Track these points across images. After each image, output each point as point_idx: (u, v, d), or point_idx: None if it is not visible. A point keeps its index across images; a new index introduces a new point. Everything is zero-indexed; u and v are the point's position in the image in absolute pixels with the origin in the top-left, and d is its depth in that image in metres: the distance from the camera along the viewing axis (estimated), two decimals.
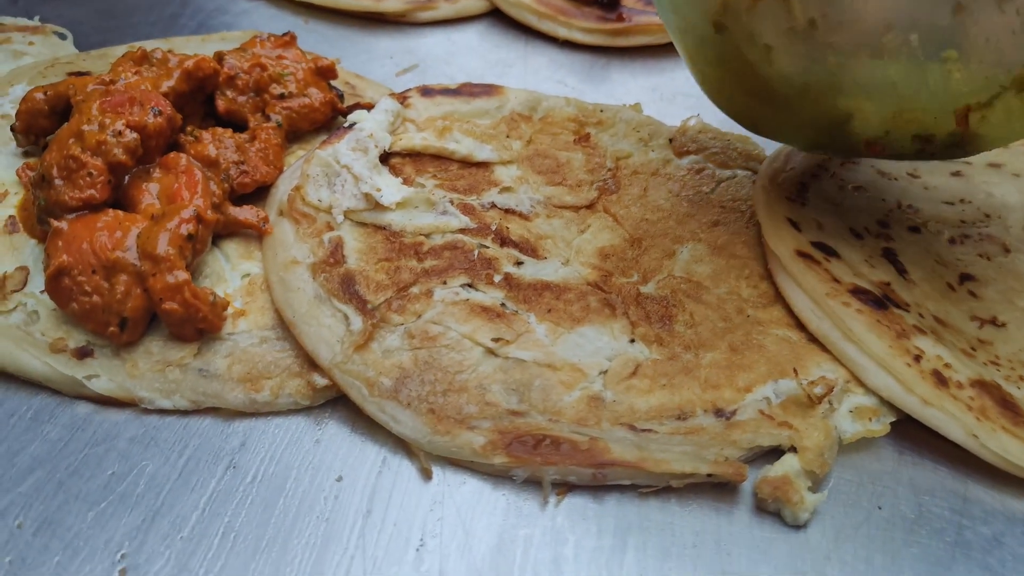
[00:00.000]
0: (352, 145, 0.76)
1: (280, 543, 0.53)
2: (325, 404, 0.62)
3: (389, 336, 0.63)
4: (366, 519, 0.55)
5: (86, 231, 0.63)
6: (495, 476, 0.58)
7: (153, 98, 0.70)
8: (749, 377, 0.63)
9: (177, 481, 0.57)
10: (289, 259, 0.68)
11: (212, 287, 0.68)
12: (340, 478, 0.57)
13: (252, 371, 0.62)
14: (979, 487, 0.59)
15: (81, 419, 0.60)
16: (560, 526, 0.55)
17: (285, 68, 0.83)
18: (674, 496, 0.58)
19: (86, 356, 0.62)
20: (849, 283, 0.68)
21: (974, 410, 0.60)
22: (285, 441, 0.60)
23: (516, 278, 0.69)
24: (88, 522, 0.54)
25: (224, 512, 0.55)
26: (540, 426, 0.59)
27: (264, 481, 0.57)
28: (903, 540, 0.55)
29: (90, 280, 0.61)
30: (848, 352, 0.64)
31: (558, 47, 1.11)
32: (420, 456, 0.58)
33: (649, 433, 0.59)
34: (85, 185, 0.64)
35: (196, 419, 0.61)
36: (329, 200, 0.72)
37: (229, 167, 0.73)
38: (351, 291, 0.66)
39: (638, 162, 0.85)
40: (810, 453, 0.58)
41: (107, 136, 0.65)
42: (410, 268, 0.68)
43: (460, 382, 0.61)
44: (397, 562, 0.53)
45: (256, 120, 0.80)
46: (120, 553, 0.52)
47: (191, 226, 0.64)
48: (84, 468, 0.57)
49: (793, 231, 0.73)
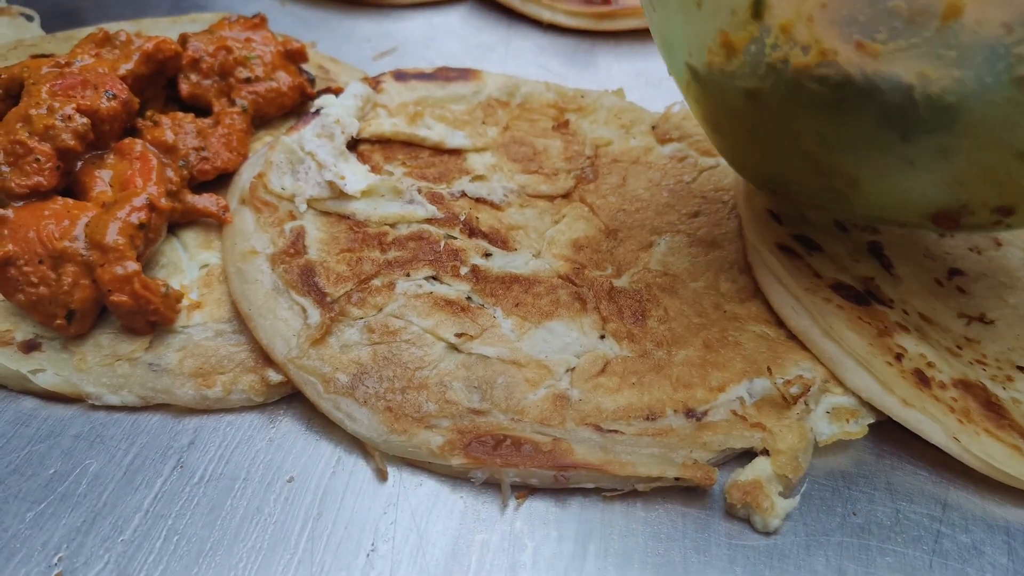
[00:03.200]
0: (318, 131, 0.73)
1: (225, 547, 0.51)
2: (280, 401, 0.60)
3: (348, 330, 0.61)
4: (316, 522, 0.53)
5: (33, 219, 0.60)
6: (453, 478, 0.56)
7: (108, 81, 0.67)
8: (723, 376, 0.61)
9: (121, 481, 0.54)
10: (248, 249, 0.65)
11: (168, 278, 0.65)
12: (292, 479, 0.55)
13: (204, 366, 0.60)
14: (960, 492, 0.56)
15: (26, 414, 0.58)
16: (519, 531, 0.53)
17: (252, 51, 0.80)
18: (640, 500, 0.55)
19: (33, 349, 0.59)
20: (831, 278, 0.65)
21: (957, 412, 0.57)
22: (236, 439, 0.57)
23: (484, 270, 0.66)
24: (26, 523, 0.52)
25: (168, 514, 0.53)
26: (501, 426, 0.56)
27: (212, 481, 0.55)
28: (878, 548, 0.53)
29: (36, 270, 0.59)
30: (827, 350, 0.62)
31: (542, 31, 1.08)
32: (376, 456, 0.56)
33: (616, 434, 0.56)
34: (32, 171, 0.61)
35: (145, 416, 0.59)
36: (292, 188, 0.69)
37: (188, 153, 0.70)
38: (310, 283, 0.63)
39: (618, 150, 0.82)
40: (783, 457, 0.55)
41: (55, 120, 0.62)
42: (373, 259, 0.66)
43: (420, 379, 0.58)
44: (346, 568, 0.50)
45: (221, 105, 0.77)
46: (57, 556, 0.50)
47: (143, 214, 0.62)
48: (26, 466, 0.55)
49: (775, 223, 0.71)
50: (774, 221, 0.71)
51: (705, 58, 0.57)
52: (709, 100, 0.61)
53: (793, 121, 0.55)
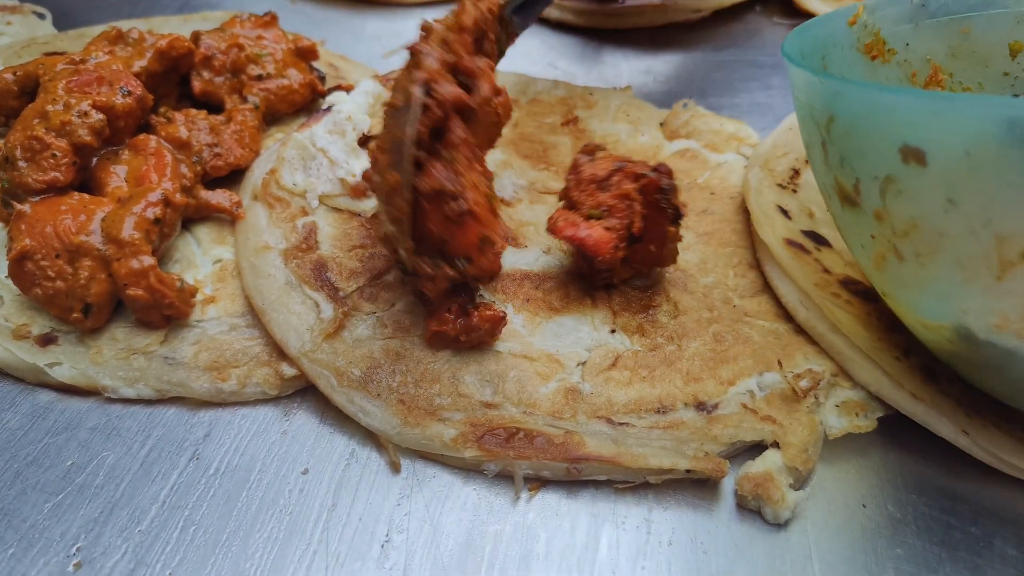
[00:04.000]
0: (329, 128, 0.73)
1: (241, 537, 0.52)
2: (293, 394, 0.61)
3: (360, 325, 0.61)
4: (331, 513, 0.53)
5: (50, 214, 0.61)
6: (466, 470, 0.56)
7: (123, 78, 0.68)
8: (733, 369, 0.61)
9: (138, 472, 0.55)
10: (261, 244, 0.66)
11: (183, 273, 0.66)
12: (306, 471, 0.56)
13: (219, 359, 0.60)
14: (969, 485, 0.57)
15: (43, 407, 0.59)
16: (532, 522, 0.54)
17: (264, 49, 0.80)
18: (651, 492, 0.56)
19: (49, 343, 0.60)
20: (840, 274, 0.66)
21: (965, 405, 0.57)
22: (251, 432, 0.58)
23: None
24: (45, 514, 0.52)
25: (185, 505, 0.53)
26: (514, 419, 0.57)
27: (228, 473, 0.55)
28: (888, 540, 0.53)
29: (53, 264, 0.60)
30: (836, 344, 0.62)
31: (550, 29, 1.09)
32: (389, 449, 0.56)
33: (627, 427, 0.57)
34: (49, 167, 0.62)
35: (161, 409, 0.59)
36: (304, 184, 0.70)
37: (202, 149, 0.71)
38: (323, 278, 0.64)
39: (627, 146, 0.82)
40: (793, 449, 0.56)
41: (72, 116, 0.63)
42: (384, 255, 0.66)
43: (432, 373, 0.59)
44: (361, 557, 0.51)
45: (233, 101, 0.78)
46: (76, 546, 0.51)
47: (158, 210, 0.62)
48: (43, 458, 0.55)
49: (783, 219, 0.71)
50: (783, 217, 0.71)
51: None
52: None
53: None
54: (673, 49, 1.07)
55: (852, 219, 0.53)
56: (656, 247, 0.63)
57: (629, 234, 0.61)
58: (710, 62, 1.06)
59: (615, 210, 0.62)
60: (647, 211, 0.61)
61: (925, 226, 0.47)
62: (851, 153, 0.50)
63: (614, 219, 0.61)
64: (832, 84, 0.50)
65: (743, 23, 1.16)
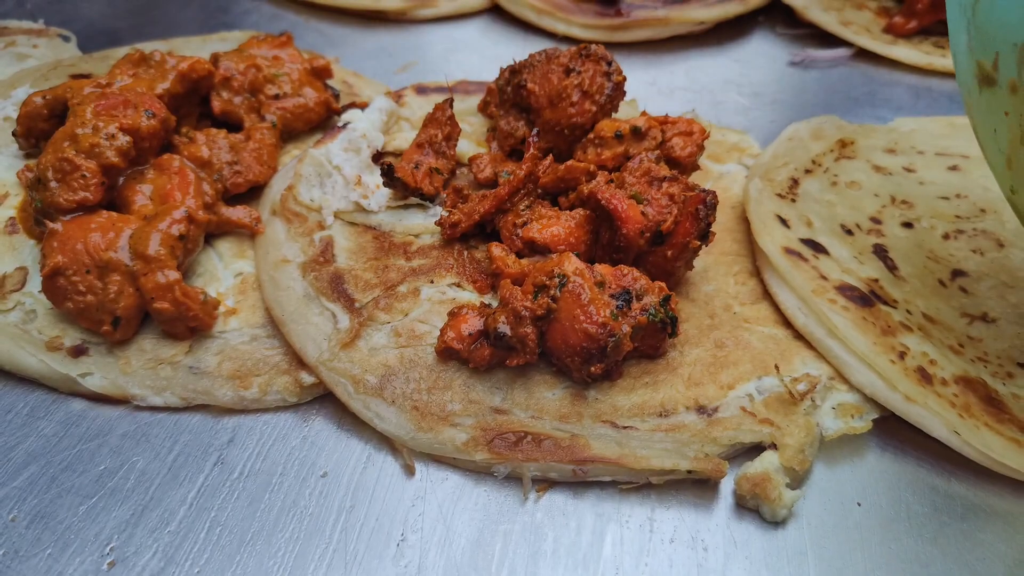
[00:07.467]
0: (344, 145, 0.76)
1: (264, 537, 0.54)
2: (312, 401, 0.64)
3: (376, 334, 0.64)
4: (349, 514, 0.56)
5: (80, 232, 0.64)
6: (477, 472, 0.59)
7: (147, 100, 0.71)
8: (733, 374, 0.64)
9: (166, 476, 0.58)
10: (280, 258, 0.69)
11: (205, 286, 0.69)
12: (325, 474, 0.59)
13: (241, 368, 0.63)
14: (961, 484, 0.59)
15: (75, 415, 0.62)
16: (539, 522, 0.56)
17: (280, 68, 0.84)
18: (654, 492, 0.58)
19: (81, 354, 0.63)
20: (837, 280, 0.68)
21: (957, 407, 0.60)
22: (272, 437, 0.61)
23: None
24: (79, 516, 0.55)
25: (211, 507, 0.56)
26: (522, 423, 0.59)
27: (251, 476, 0.58)
28: (882, 536, 0.56)
29: (84, 280, 0.63)
30: (832, 349, 0.64)
31: (557, 43, 1.12)
32: (404, 452, 0.59)
33: (630, 430, 0.59)
34: (79, 187, 0.65)
35: (186, 416, 0.62)
36: (320, 200, 0.73)
37: (223, 167, 0.74)
38: (339, 289, 0.67)
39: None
40: (790, 450, 0.58)
41: (100, 139, 0.66)
42: (398, 267, 0.69)
43: (445, 380, 0.62)
44: (378, 556, 0.54)
45: (251, 120, 0.81)
46: (109, 546, 0.54)
47: (182, 226, 0.65)
48: (77, 463, 0.59)
49: (782, 228, 0.73)
50: (782, 226, 0.73)
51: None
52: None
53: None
54: (677, 61, 1.09)
55: (987, 102, 0.54)
56: (672, 254, 0.65)
57: (657, 231, 0.65)
58: (713, 74, 1.09)
59: (655, 204, 0.65)
60: (681, 219, 0.64)
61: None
62: (992, 25, 0.52)
63: (651, 210, 0.65)
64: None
65: (746, 35, 1.19)
